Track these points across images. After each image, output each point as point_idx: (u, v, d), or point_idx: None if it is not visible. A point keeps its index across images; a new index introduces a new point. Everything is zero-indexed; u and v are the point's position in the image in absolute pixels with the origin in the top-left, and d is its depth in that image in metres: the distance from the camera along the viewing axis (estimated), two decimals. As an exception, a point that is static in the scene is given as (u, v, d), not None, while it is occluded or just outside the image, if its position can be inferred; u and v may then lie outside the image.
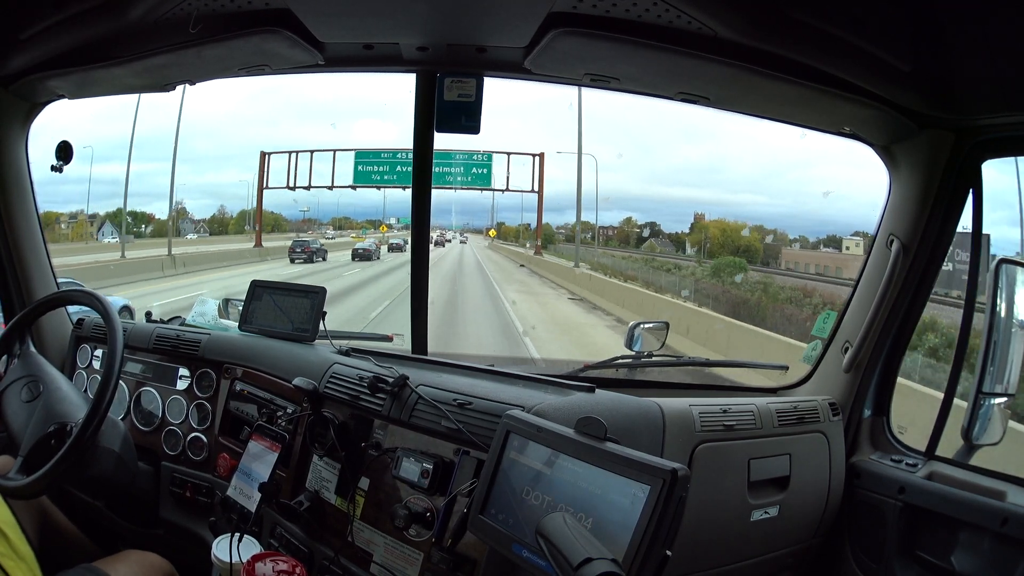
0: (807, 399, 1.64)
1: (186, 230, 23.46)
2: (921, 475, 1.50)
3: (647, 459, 0.87)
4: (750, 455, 1.43)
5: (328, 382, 1.48)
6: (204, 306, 2.04)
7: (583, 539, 0.80)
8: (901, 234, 1.54)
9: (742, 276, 15.65)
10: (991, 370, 1.50)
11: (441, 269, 19.86)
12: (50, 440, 1.36)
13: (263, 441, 1.46)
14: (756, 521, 1.44)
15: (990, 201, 1.51)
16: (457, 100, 1.63)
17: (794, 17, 1.19)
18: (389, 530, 1.27)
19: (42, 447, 1.36)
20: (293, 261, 18.28)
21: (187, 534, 1.67)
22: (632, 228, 25.94)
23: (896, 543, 1.49)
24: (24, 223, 1.86)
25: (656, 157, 37.25)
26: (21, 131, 1.82)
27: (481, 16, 1.39)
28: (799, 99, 1.42)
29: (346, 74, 1.80)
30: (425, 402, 1.30)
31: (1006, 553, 1.31)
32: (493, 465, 1.02)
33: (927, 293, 1.59)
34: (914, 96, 1.36)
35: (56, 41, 1.49)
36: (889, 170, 1.59)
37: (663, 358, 1.94)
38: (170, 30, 1.42)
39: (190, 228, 23.76)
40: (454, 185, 18.17)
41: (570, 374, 1.73)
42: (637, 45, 1.30)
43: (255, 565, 1.20)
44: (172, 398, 1.79)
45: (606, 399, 1.31)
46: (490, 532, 0.99)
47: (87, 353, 1.95)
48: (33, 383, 1.47)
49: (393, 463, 1.30)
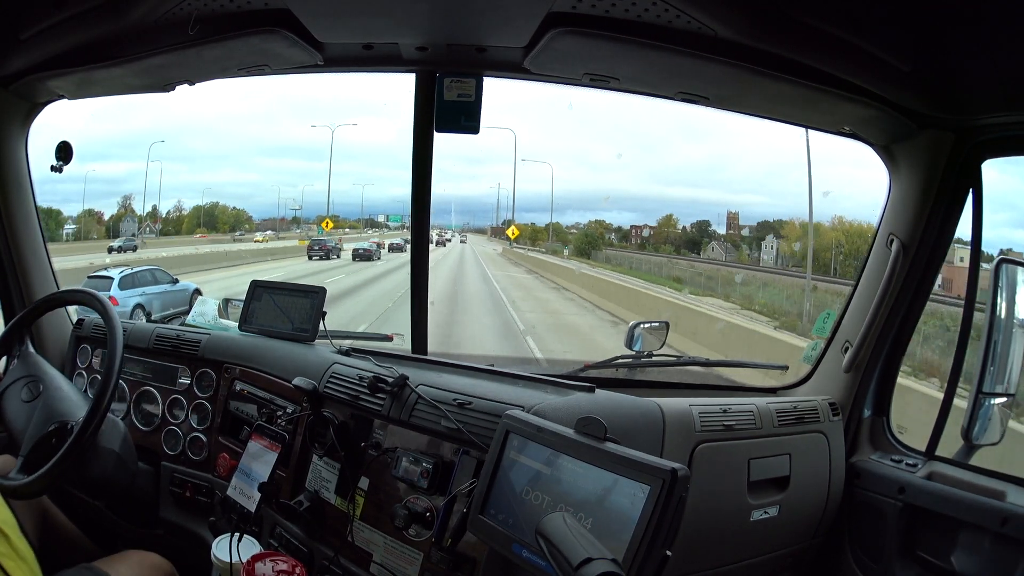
0: (807, 399, 1.64)
1: (126, 230, 20.13)
2: (921, 475, 1.50)
3: (647, 459, 0.87)
4: (750, 455, 1.43)
5: (328, 382, 1.48)
6: (204, 306, 2.04)
7: (583, 539, 0.80)
8: (901, 234, 1.54)
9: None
10: (991, 370, 1.50)
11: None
12: (51, 439, 1.36)
13: (263, 441, 1.46)
14: (756, 521, 1.44)
15: (993, 202, 1.51)
16: (457, 100, 1.63)
17: (794, 17, 1.19)
18: (389, 530, 1.27)
19: (42, 446, 1.36)
20: (311, 258, 19.12)
21: (187, 534, 1.67)
22: (672, 228, 21.63)
23: (896, 543, 1.49)
24: (24, 223, 1.86)
25: (656, 156, 37.12)
26: (21, 131, 1.82)
27: (480, 16, 1.39)
28: (799, 99, 1.42)
29: (345, 74, 1.80)
30: (425, 402, 1.30)
31: (1006, 553, 1.31)
32: (493, 465, 1.02)
33: (927, 293, 1.59)
34: (914, 96, 1.36)
35: (56, 41, 1.49)
36: (889, 170, 1.59)
37: (663, 358, 1.94)
38: (170, 30, 1.42)
39: (131, 228, 20.27)
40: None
41: (570, 374, 1.73)
42: (637, 45, 1.30)
43: (255, 565, 1.20)
44: (172, 398, 1.79)
45: (606, 399, 1.31)
46: (490, 532, 0.99)
47: (87, 353, 1.95)
48: (33, 383, 1.47)
49: (393, 463, 1.30)
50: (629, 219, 25.37)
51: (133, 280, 8.43)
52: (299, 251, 19.27)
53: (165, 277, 9.14)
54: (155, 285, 8.78)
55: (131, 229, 20.08)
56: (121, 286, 8.13)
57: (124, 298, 8.03)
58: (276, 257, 18.43)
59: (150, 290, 8.62)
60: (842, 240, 15.91)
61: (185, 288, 9.22)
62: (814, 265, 15.50)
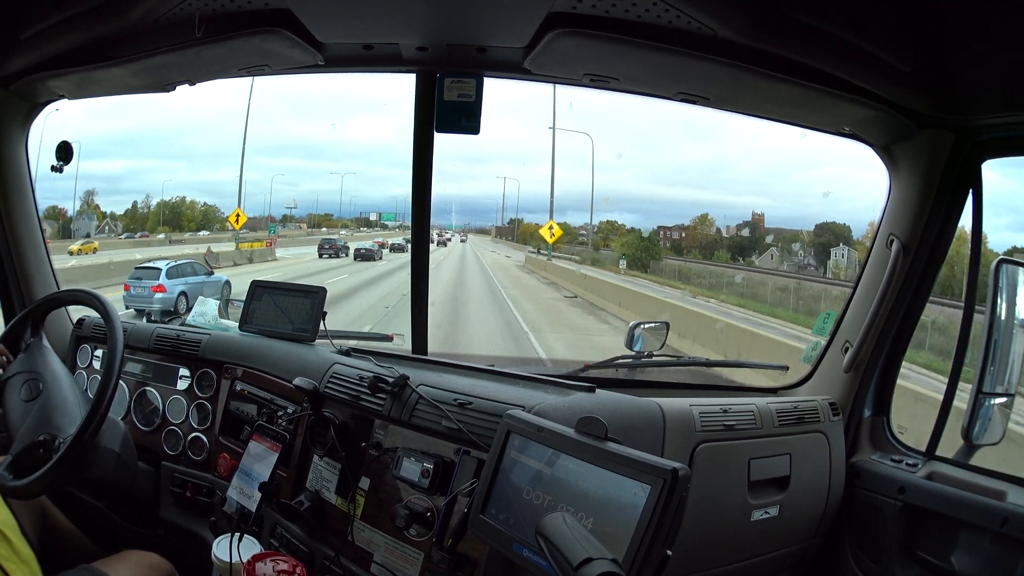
0: (807, 399, 1.64)
1: (82, 230, 18.62)
2: (921, 475, 1.50)
3: (647, 459, 0.87)
4: (750, 455, 1.43)
5: (328, 382, 1.48)
6: (204, 306, 2.04)
7: (583, 539, 0.80)
8: (901, 234, 1.55)
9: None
10: (991, 370, 1.50)
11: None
12: (38, 449, 1.35)
13: (263, 441, 1.46)
14: (756, 521, 1.44)
15: (994, 205, 1.50)
16: (457, 100, 1.63)
17: (794, 17, 1.20)
18: (389, 530, 1.27)
19: (30, 453, 1.34)
20: (321, 256, 19.98)
21: (187, 534, 1.67)
22: (708, 228, 18.05)
23: (896, 543, 1.49)
24: (24, 223, 1.86)
25: (657, 155, 36.96)
26: (21, 131, 1.82)
27: (481, 16, 1.39)
28: (799, 99, 1.42)
29: (346, 74, 1.80)
30: (425, 402, 1.30)
31: (1006, 553, 1.31)
32: (493, 465, 1.02)
33: (927, 293, 1.59)
34: (914, 96, 1.36)
35: (56, 41, 1.49)
36: (889, 170, 1.59)
37: (663, 358, 1.94)
38: (170, 30, 1.42)
39: (87, 227, 18.76)
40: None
41: (570, 374, 1.73)
42: (637, 45, 1.30)
43: (255, 565, 1.20)
44: (172, 398, 1.79)
45: (606, 399, 1.31)
46: (490, 532, 0.99)
47: (87, 353, 1.95)
48: (34, 382, 1.46)
49: (393, 463, 1.30)
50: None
51: (177, 271, 9.93)
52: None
53: (202, 269, 10.80)
54: (194, 276, 10.15)
55: (87, 228, 18.98)
56: (168, 276, 9.60)
57: (171, 286, 9.53)
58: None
59: (191, 280, 9.92)
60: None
61: (218, 280, 10.59)
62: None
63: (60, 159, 1.85)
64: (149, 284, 9.53)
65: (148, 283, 9.55)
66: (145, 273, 9.80)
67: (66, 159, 1.86)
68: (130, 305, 9.27)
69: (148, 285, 9.50)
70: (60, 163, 1.85)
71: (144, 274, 9.80)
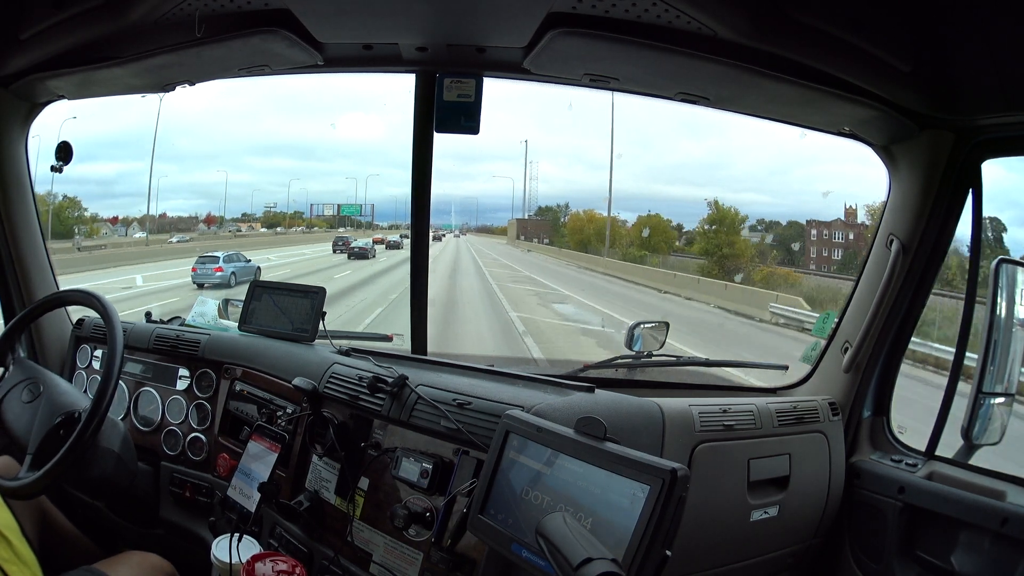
0: (807, 399, 1.64)
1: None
2: (921, 475, 1.50)
3: (647, 459, 0.87)
4: (750, 455, 1.43)
5: (328, 382, 1.48)
6: (204, 306, 2.04)
7: (583, 539, 0.79)
8: (901, 234, 1.54)
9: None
10: (991, 370, 1.50)
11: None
12: (59, 431, 1.37)
13: (263, 441, 1.46)
14: (756, 521, 1.44)
15: (995, 200, 1.50)
16: (457, 100, 1.63)
17: (794, 17, 1.20)
18: (389, 530, 1.27)
19: (51, 439, 1.36)
20: (335, 252, 20.86)
21: (187, 534, 1.67)
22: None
23: (896, 543, 1.49)
24: (24, 223, 1.86)
25: (655, 153, 36.75)
26: (21, 131, 1.82)
27: (480, 16, 1.39)
28: (799, 99, 1.42)
29: (345, 74, 1.80)
30: (425, 402, 1.30)
31: (1006, 553, 1.31)
32: (493, 465, 1.02)
33: (927, 293, 1.59)
34: (914, 96, 1.36)
35: (56, 41, 1.49)
36: (889, 170, 1.59)
37: (663, 358, 1.94)
38: (170, 30, 1.42)
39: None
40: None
41: (570, 374, 1.73)
42: (637, 45, 1.30)
43: (255, 565, 1.20)
44: (172, 398, 1.79)
45: (606, 399, 1.31)
46: (490, 532, 0.99)
47: (87, 353, 1.95)
48: (32, 384, 1.47)
49: (392, 463, 1.30)
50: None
51: (229, 257, 14.13)
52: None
53: (243, 257, 14.70)
54: (239, 261, 14.15)
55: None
56: (225, 261, 13.81)
57: (227, 268, 13.49)
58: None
59: (238, 264, 13.91)
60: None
61: (255, 265, 14.28)
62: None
63: (60, 159, 1.85)
64: (212, 266, 13.58)
65: (211, 266, 13.59)
66: (208, 259, 13.91)
67: (66, 159, 1.86)
68: (196, 281, 13.17)
69: (211, 267, 13.55)
70: (60, 163, 1.85)
71: (208, 260, 13.90)
